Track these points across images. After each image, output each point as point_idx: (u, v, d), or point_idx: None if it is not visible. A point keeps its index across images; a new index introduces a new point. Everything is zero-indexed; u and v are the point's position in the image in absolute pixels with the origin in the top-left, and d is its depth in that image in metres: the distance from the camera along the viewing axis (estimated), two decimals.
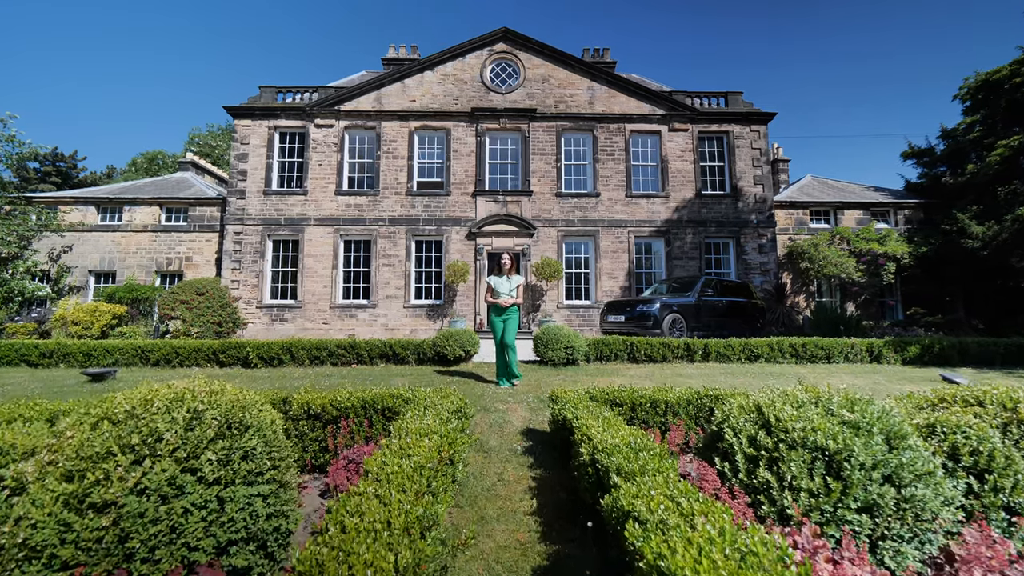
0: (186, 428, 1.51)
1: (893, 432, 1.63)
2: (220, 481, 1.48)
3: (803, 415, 1.74)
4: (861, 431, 1.63)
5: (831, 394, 1.85)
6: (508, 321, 5.26)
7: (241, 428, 1.63)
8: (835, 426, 1.66)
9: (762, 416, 1.84)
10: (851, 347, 7.22)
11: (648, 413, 3.05)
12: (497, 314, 5.32)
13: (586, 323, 14.02)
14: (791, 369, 6.66)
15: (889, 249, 14.76)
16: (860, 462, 1.54)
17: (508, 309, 5.27)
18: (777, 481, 1.62)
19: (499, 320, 5.28)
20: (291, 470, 1.87)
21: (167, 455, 1.43)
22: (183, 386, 1.70)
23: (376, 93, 14.98)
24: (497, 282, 5.41)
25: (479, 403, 4.37)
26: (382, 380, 5.71)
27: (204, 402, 1.60)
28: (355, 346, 6.84)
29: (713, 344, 7.05)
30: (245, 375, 6.30)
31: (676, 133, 15.07)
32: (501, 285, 5.36)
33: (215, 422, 1.56)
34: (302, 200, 14.46)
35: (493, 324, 5.34)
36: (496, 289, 5.39)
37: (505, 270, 5.39)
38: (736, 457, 1.77)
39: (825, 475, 1.58)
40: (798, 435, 1.66)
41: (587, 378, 5.86)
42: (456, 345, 6.61)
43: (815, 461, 1.61)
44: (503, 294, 5.31)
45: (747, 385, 5.44)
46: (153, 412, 1.51)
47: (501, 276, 5.42)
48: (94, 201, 15.62)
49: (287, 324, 13.96)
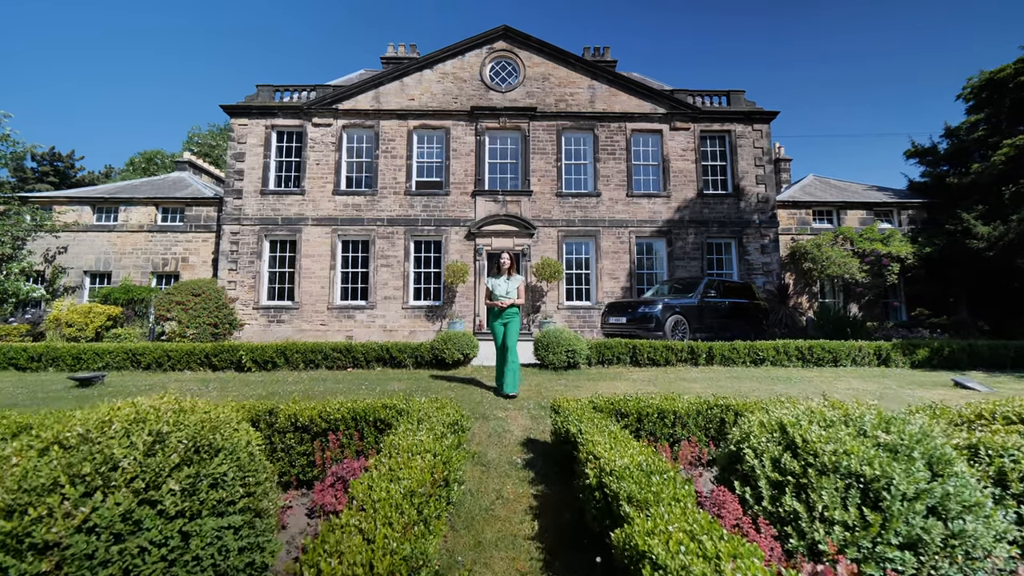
0: (146, 454, 1.35)
1: (936, 456, 1.47)
2: (184, 513, 1.32)
3: (833, 436, 1.57)
4: (900, 455, 1.47)
5: (862, 411, 1.68)
6: (508, 324, 4.98)
7: (211, 452, 1.47)
8: (870, 449, 1.50)
9: (786, 436, 1.67)
10: (858, 350, 7.06)
11: (656, 424, 2.88)
12: (496, 317, 5.06)
13: (587, 324, 13.85)
14: (797, 373, 6.50)
15: (893, 249, 14.60)
16: (901, 491, 1.37)
17: (508, 311, 4.98)
18: (807, 511, 1.45)
19: (499, 323, 5.03)
20: (270, 494, 1.71)
21: (123, 485, 1.26)
22: (149, 404, 1.53)
23: (374, 92, 14.81)
24: (495, 283, 5.14)
25: (477, 410, 4.20)
26: (378, 385, 5.55)
27: (169, 423, 1.44)
28: (351, 349, 6.67)
29: (717, 347, 6.88)
30: (238, 379, 6.13)
31: (678, 132, 14.90)
32: (500, 286, 5.09)
33: (181, 446, 1.39)
34: (299, 200, 14.28)
35: (493, 328, 5.10)
36: (494, 291, 5.10)
37: (504, 270, 5.13)
38: (759, 482, 1.60)
39: (861, 505, 1.41)
40: (828, 459, 1.50)
41: (589, 383, 5.69)
42: (454, 348, 6.45)
43: (849, 489, 1.44)
44: (501, 295, 5.04)
45: (754, 391, 5.28)
46: (110, 436, 1.34)
47: (500, 277, 5.16)
48: (89, 201, 15.44)
49: (284, 326, 13.79)
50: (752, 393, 5.13)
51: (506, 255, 5.22)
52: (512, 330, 4.97)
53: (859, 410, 1.69)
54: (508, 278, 5.13)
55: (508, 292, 5.06)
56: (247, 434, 1.71)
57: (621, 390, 5.27)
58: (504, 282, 5.11)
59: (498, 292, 5.07)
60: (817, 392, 5.18)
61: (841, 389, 5.41)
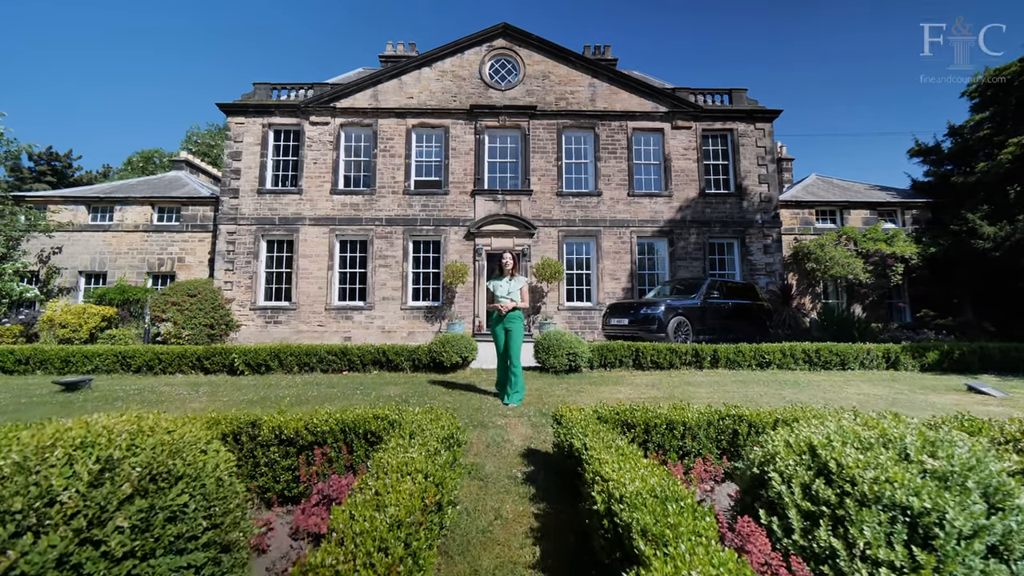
0: (92, 484, 1.17)
1: (993, 487, 1.29)
2: (135, 553, 1.14)
3: (872, 460, 1.39)
4: (952, 485, 1.29)
5: (903, 432, 1.50)
6: (510, 329, 4.68)
7: (170, 480, 1.29)
8: (916, 476, 1.32)
9: (818, 459, 1.49)
10: (867, 353, 6.88)
11: (664, 436, 2.70)
12: (497, 321, 4.77)
13: (587, 325, 13.68)
14: (805, 377, 6.32)
15: (897, 250, 14.43)
16: (956, 528, 1.20)
17: (509, 315, 4.69)
18: (846, 548, 1.27)
19: (500, 328, 4.76)
20: (243, 523, 1.53)
21: (61, 523, 1.09)
22: (103, 424, 1.36)
23: (373, 90, 14.63)
24: (497, 285, 4.86)
25: (475, 418, 4.03)
26: (373, 390, 5.37)
27: (122, 447, 1.26)
28: (347, 352, 6.49)
29: (723, 350, 6.71)
30: (230, 383, 5.96)
31: (679, 131, 14.72)
32: (501, 288, 4.81)
33: (134, 474, 1.22)
34: (297, 199, 14.11)
35: (494, 332, 4.83)
36: (495, 293, 4.82)
37: (507, 271, 4.85)
38: (788, 511, 1.42)
39: (909, 543, 1.23)
40: (869, 488, 1.32)
41: (591, 387, 5.52)
42: (453, 351, 6.27)
43: (894, 523, 1.27)
44: (502, 297, 4.75)
45: (762, 396, 5.10)
46: (50, 464, 1.17)
47: (502, 278, 4.87)
48: (84, 200, 15.26)
49: (281, 327, 13.62)
50: (761, 399, 4.96)
51: (508, 255, 4.91)
52: (514, 335, 4.68)
53: (899, 430, 1.51)
54: (510, 279, 4.84)
55: (510, 294, 4.77)
56: (216, 456, 1.53)
57: (624, 395, 5.10)
58: (506, 283, 4.83)
59: (499, 294, 4.79)
60: (828, 398, 5.01)
61: (851, 394, 5.24)
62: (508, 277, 4.86)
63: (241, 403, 4.76)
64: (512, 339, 4.67)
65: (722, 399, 4.91)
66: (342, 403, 4.64)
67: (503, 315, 4.72)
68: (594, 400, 4.84)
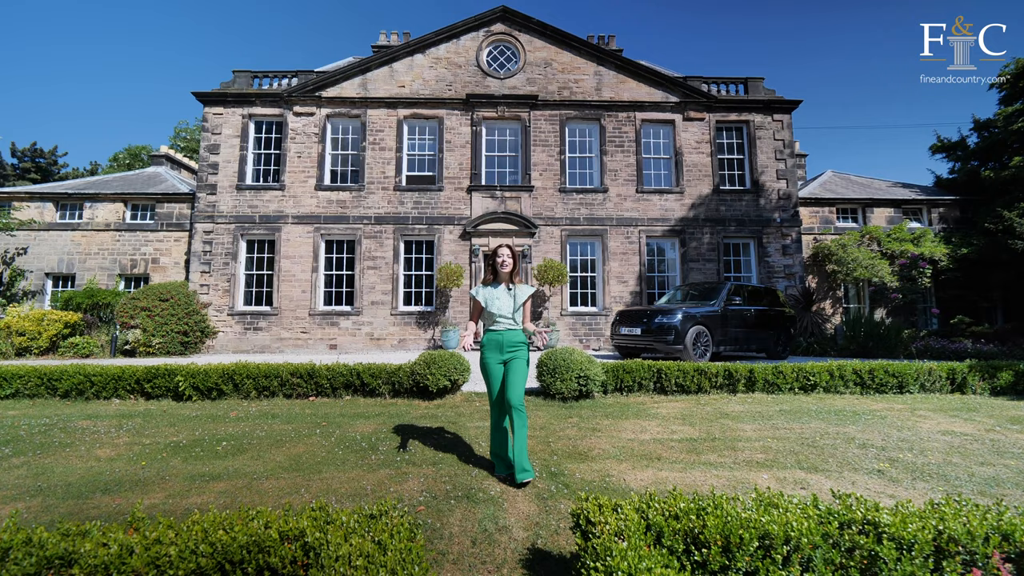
0: None
1: None
2: None
3: None
4: None
5: None
6: (513, 363, 3.07)
7: None
8: None
9: None
10: (928, 373, 5.86)
11: (755, 561, 1.67)
12: (493, 349, 3.13)
13: (592, 332, 12.66)
14: (861, 404, 5.30)
15: (925, 250, 13.42)
16: None
17: (510, 340, 3.11)
18: None
19: (495, 361, 3.11)
20: None
21: None
22: None
23: (361, 78, 13.59)
24: (490, 295, 3.17)
25: (460, 480, 2.99)
26: (339, 426, 4.34)
27: None
28: (314, 374, 5.46)
29: (759, 371, 5.68)
30: (169, 413, 4.93)
31: (691, 123, 13.70)
32: (497, 300, 3.14)
33: None
34: (279, 196, 13.07)
35: (487, 368, 3.13)
36: (488, 307, 3.15)
37: (504, 275, 3.21)
38: None
39: None
40: None
41: (609, 422, 4.49)
42: (440, 374, 5.24)
43: None
44: (500, 315, 3.12)
45: (823, 437, 4.08)
46: None
47: (497, 285, 3.22)
48: (52, 197, 14.21)
49: (262, 333, 12.59)
50: (821, 440, 3.95)
51: (506, 250, 3.22)
52: (518, 373, 3.05)
53: None
54: (510, 287, 3.21)
55: (511, 310, 3.14)
56: None
57: (651, 436, 4.07)
58: (505, 294, 3.18)
59: (494, 309, 3.13)
60: (906, 439, 3.99)
61: (932, 432, 4.22)
62: (506, 284, 3.22)
63: (166, 448, 3.73)
64: (513, 375, 3.05)
65: (774, 443, 3.89)
66: (291, 452, 3.61)
67: (503, 342, 3.12)
68: (614, 443, 3.82)
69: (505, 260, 3.20)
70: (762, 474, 3.17)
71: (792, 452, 3.63)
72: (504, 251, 3.22)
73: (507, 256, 3.21)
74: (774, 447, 3.76)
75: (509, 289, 3.22)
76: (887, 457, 3.50)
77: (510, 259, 3.21)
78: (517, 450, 2.92)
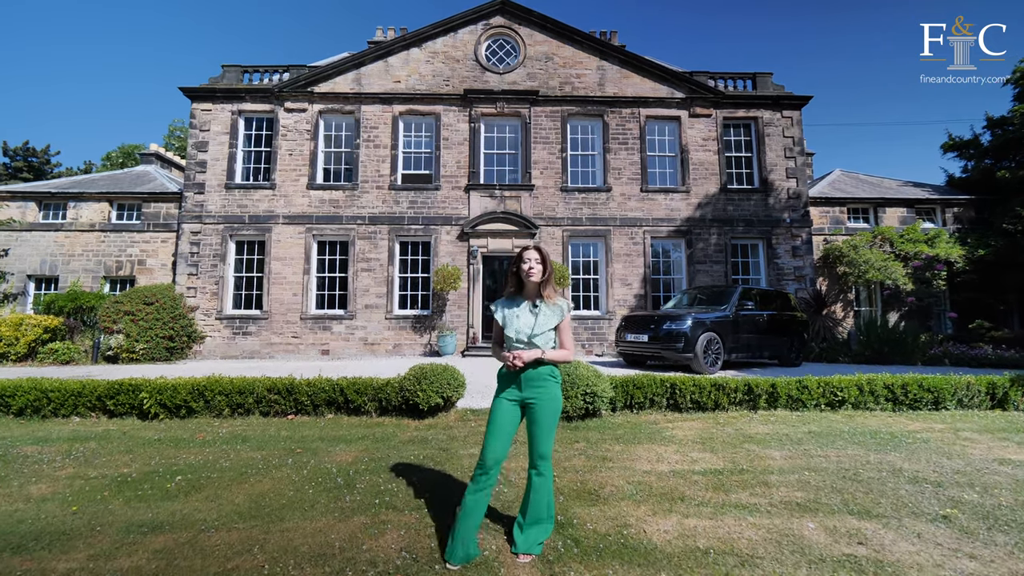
0: None
1: None
2: None
3: None
4: None
5: None
6: (536, 407, 2.26)
7: None
8: None
9: None
10: (966, 388, 5.37)
11: None
12: (510, 384, 2.32)
13: (595, 336, 12.17)
14: (897, 423, 4.81)
15: (941, 252, 12.93)
16: None
17: (534, 373, 2.28)
18: None
19: (511, 401, 2.29)
20: None
21: None
22: None
23: (355, 73, 13.10)
24: (510, 313, 2.40)
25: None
26: (315, 454, 3.85)
27: None
28: (293, 390, 4.96)
29: (782, 386, 5.19)
30: (133, 433, 4.44)
31: (698, 119, 13.21)
32: (517, 320, 2.36)
33: None
34: (269, 195, 12.57)
35: (494, 409, 2.31)
36: (507, 327, 2.36)
37: (531, 285, 2.38)
38: None
39: None
40: None
41: (620, 448, 3.99)
42: (432, 390, 4.74)
43: None
44: (521, 338, 2.31)
45: (864, 467, 3.59)
46: None
47: (519, 301, 2.41)
48: (34, 196, 13.71)
49: (251, 338, 12.09)
50: (864, 471, 3.46)
51: (533, 253, 2.38)
52: (543, 424, 2.25)
53: None
54: (536, 304, 2.37)
55: (529, 334, 2.30)
56: None
57: (669, 466, 3.58)
58: (526, 312, 2.36)
59: (511, 331, 2.34)
60: (959, 469, 3.50)
61: (984, 460, 3.73)
62: (531, 299, 2.40)
63: (111, 484, 3.24)
64: (539, 424, 2.26)
65: (811, 475, 3.40)
66: (254, 490, 3.11)
67: (521, 373, 2.28)
68: (628, 477, 3.32)
69: (532, 267, 2.34)
70: (807, 521, 2.67)
71: (835, 489, 3.14)
72: (531, 255, 2.36)
73: (535, 261, 2.35)
74: (812, 482, 3.27)
75: (535, 306, 2.36)
76: (948, 497, 3.00)
77: (539, 264, 2.34)
78: (531, 513, 2.24)
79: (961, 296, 13.49)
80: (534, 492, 2.26)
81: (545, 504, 2.29)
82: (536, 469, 2.27)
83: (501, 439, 2.23)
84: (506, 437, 2.24)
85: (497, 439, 2.23)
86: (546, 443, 2.27)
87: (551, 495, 2.33)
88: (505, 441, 2.24)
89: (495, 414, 2.29)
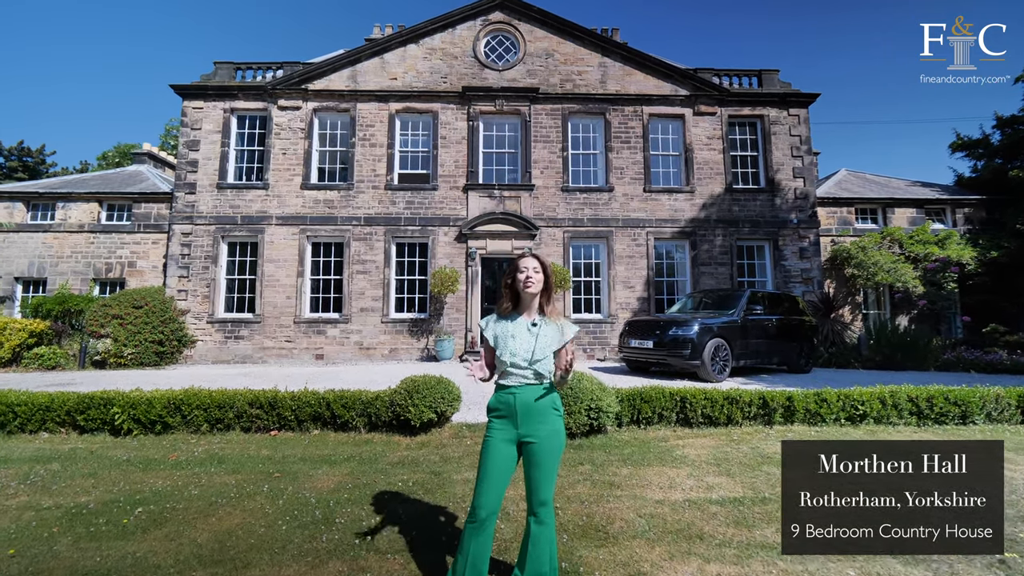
0: None
1: None
2: None
3: None
4: None
5: None
6: (537, 447, 1.90)
7: None
8: None
9: None
10: (995, 400, 5.04)
11: None
12: (504, 418, 1.94)
13: (597, 341, 11.83)
14: (925, 439, 4.47)
15: (952, 253, 12.58)
16: None
17: (529, 406, 1.92)
18: None
19: (502, 439, 1.91)
20: None
21: None
22: None
23: (351, 70, 12.77)
24: (503, 332, 2.01)
25: None
26: (295, 478, 3.52)
27: None
28: (277, 404, 4.63)
29: (799, 399, 4.86)
30: (102, 452, 4.12)
31: (702, 117, 12.87)
32: (512, 340, 1.98)
33: None
34: (262, 195, 12.24)
35: (486, 447, 1.92)
36: (499, 352, 1.98)
37: (528, 298, 2.02)
38: None
39: None
40: None
41: (629, 470, 3.67)
42: (424, 405, 4.41)
43: None
44: (516, 366, 1.94)
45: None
46: None
47: (516, 316, 2.04)
48: (22, 196, 13.38)
49: (243, 342, 11.76)
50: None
51: (531, 262, 2.01)
52: (543, 467, 1.90)
53: None
54: (535, 322, 2.00)
55: (529, 357, 1.94)
56: None
57: (683, 494, 3.24)
58: (524, 331, 1.99)
59: (505, 354, 1.96)
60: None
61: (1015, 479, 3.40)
62: (530, 316, 2.03)
63: (64, 517, 2.90)
64: (537, 472, 1.90)
65: None
66: (221, 525, 2.78)
67: (516, 409, 1.92)
68: (638, 508, 2.99)
69: (530, 277, 1.97)
70: (846, 568, 2.34)
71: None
72: (529, 264, 1.99)
73: (532, 270, 1.98)
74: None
75: (534, 325, 1.99)
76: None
77: (537, 273, 1.98)
78: (531, 567, 1.88)
79: (973, 299, 13.14)
80: (533, 545, 1.89)
81: (547, 556, 1.92)
82: (536, 516, 1.90)
83: (495, 487, 1.86)
84: (501, 485, 1.88)
85: (490, 487, 1.86)
86: (547, 488, 1.91)
87: (554, 544, 1.95)
88: (500, 490, 1.87)
89: (487, 457, 1.91)
